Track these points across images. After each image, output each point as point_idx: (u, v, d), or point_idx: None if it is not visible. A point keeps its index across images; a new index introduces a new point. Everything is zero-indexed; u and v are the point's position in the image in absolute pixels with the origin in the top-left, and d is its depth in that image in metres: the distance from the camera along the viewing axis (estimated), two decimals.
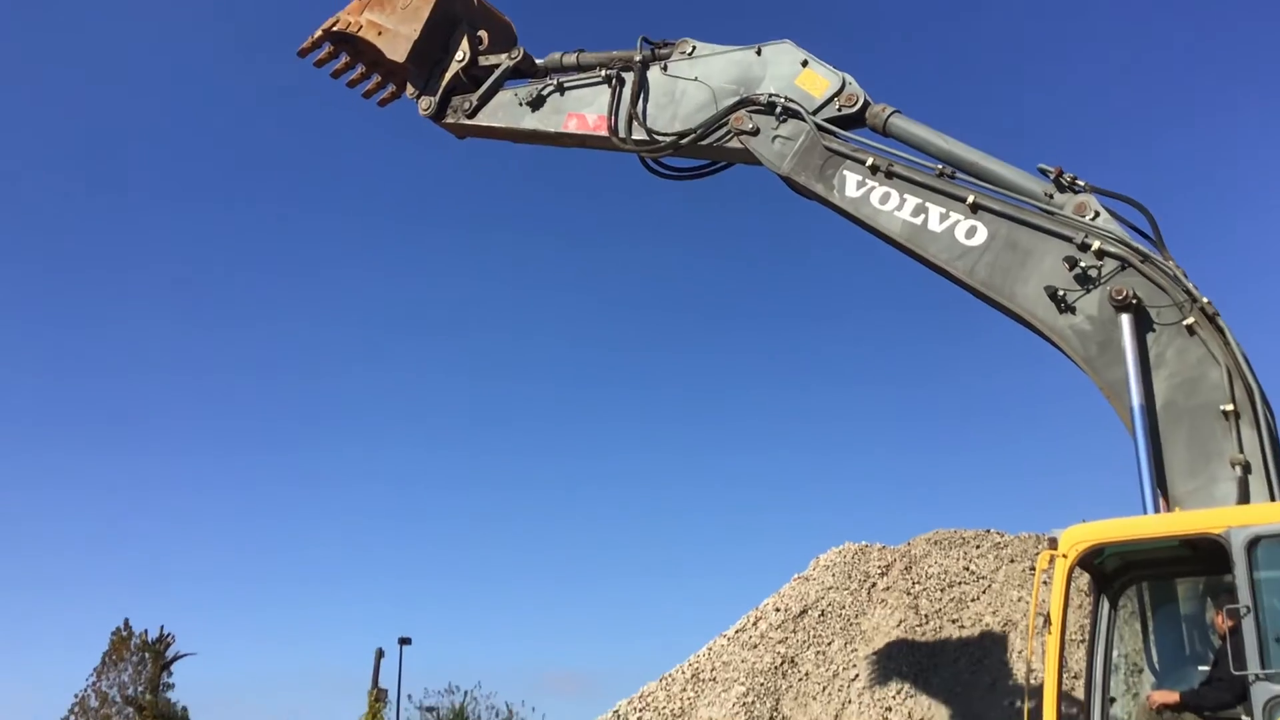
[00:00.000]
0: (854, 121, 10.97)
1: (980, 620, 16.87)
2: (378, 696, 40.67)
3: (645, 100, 11.99)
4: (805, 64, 11.19)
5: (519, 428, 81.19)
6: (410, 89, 13.40)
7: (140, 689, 43.32)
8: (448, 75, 13.06)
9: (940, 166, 10.18)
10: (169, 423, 77.61)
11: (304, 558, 72.76)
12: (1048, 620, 7.74)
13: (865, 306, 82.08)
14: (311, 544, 73.11)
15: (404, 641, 41.14)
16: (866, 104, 10.91)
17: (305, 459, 78.93)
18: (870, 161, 10.41)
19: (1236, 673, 7.08)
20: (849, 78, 11.01)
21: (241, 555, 72.41)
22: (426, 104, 13.25)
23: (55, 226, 75.82)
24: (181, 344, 79.82)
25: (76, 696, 43.10)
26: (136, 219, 78.52)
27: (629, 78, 12.06)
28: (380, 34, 12.97)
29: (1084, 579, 8.59)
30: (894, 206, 10.29)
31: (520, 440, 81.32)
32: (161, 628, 44.60)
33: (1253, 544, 7.12)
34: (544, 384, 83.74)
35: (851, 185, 10.55)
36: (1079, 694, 8.50)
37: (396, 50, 12.89)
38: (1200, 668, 8.16)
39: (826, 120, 10.88)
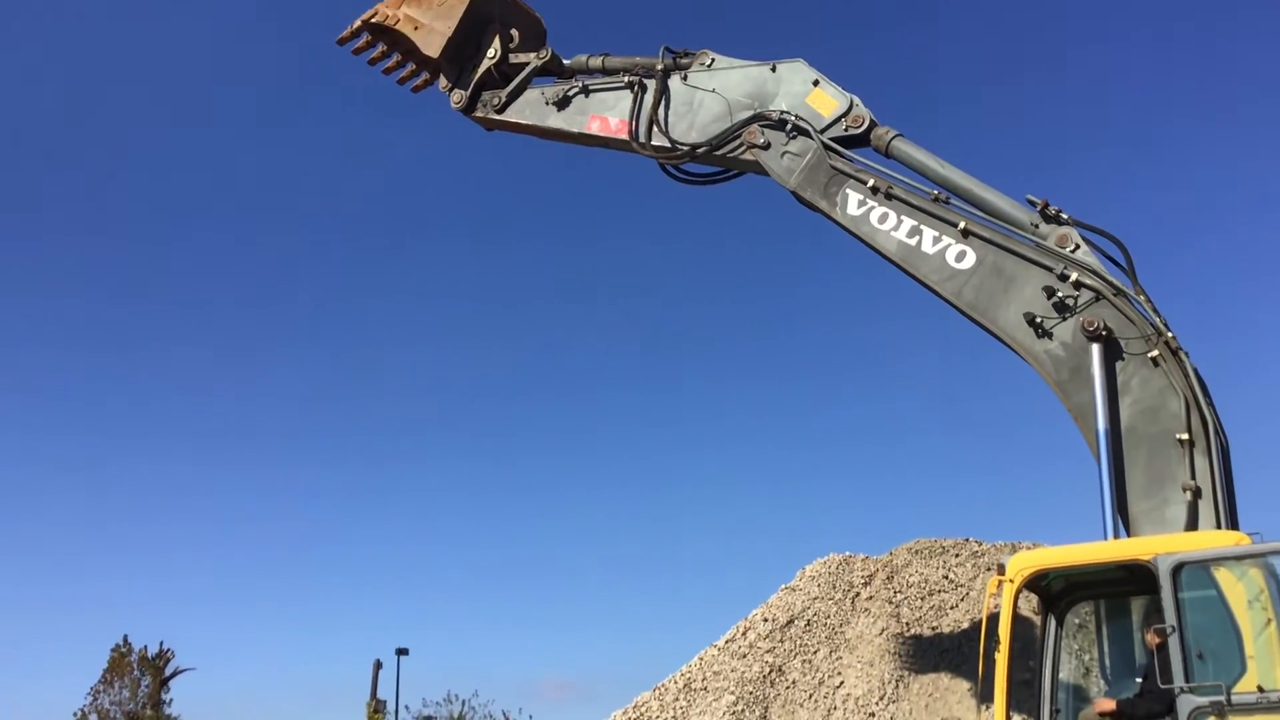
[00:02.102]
0: (859, 141, 11.47)
1: (959, 627, 17.36)
2: (376, 707, 40.90)
3: (665, 107, 12.52)
4: (816, 83, 11.69)
5: (514, 438, 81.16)
6: (443, 81, 13.99)
7: (140, 705, 42.99)
8: (479, 71, 13.65)
9: (936, 191, 10.68)
10: (165, 435, 77.75)
11: (300, 569, 72.88)
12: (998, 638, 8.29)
13: (850, 319, 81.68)
14: (308, 555, 73.37)
15: (401, 652, 41.19)
16: (872, 125, 11.41)
17: (301, 469, 79.17)
18: (871, 182, 10.92)
19: (1164, 686, 7.60)
20: (857, 99, 11.51)
21: (237, 567, 72.37)
22: (458, 98, 13.85)
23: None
24: (177, 354, 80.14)
25: (76, 714, 42.62)
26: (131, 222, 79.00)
27: (651, 85, 12.60)
28: (416, 29, 13.56)
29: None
30: (891, 226, 10.79)
31: (515, 450, 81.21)
32: (161, 643, 44.46)
33: (1177, 569, 7.69)
34: (538, 393, 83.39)
35: (853, 204, 11.05)
36: None
37: (431, 46, 13.48)
38: (1137, 680, 8.65)
39: (833, 139, 11.39)
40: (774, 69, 11.99)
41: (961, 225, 10.36)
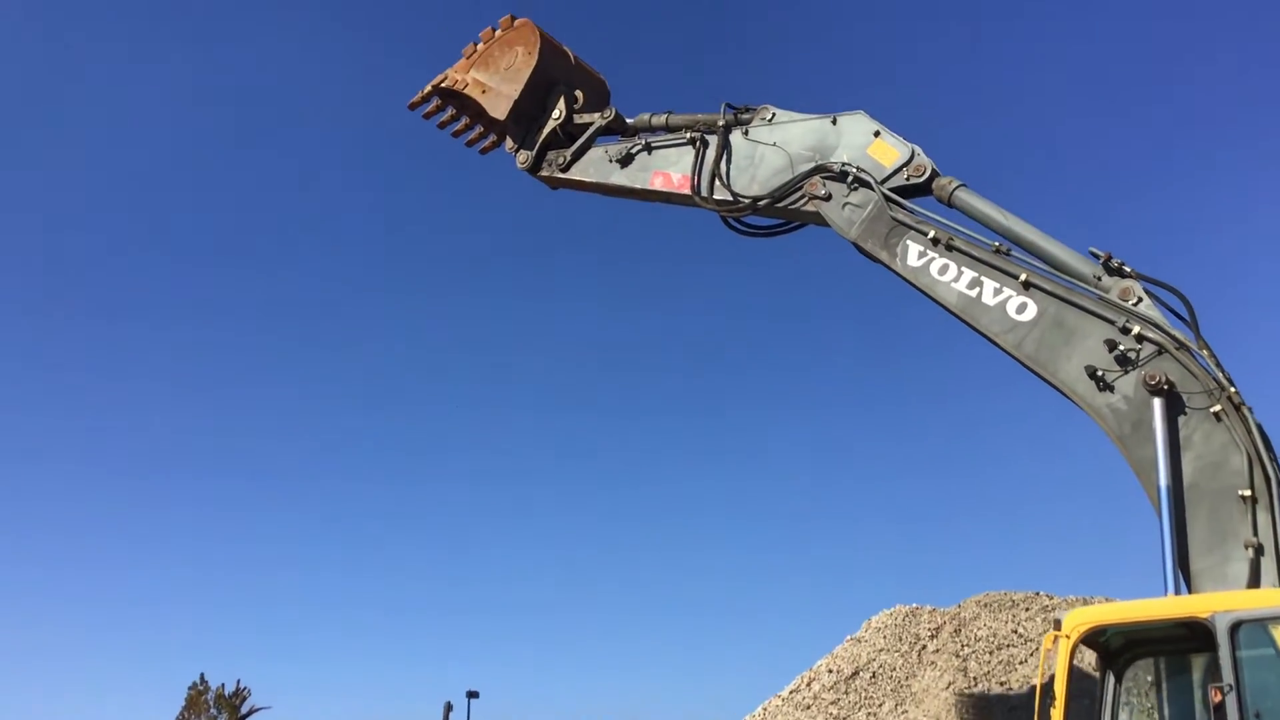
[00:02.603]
0: (921, 191, 11.52)
1: (1028, 683, 17.03)
2: None
3: (727, 162, 12.71)
4: (877, 134, 11.79)
5: (581, 483, 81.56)
6: (509, 143, 14.38)
7: None
8: (544, 132, 14.02)
9: (998, 243, 10.65)
10: (239, 476, 79.50)
11: (374, 610, 73.75)
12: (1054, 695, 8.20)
13: (919, 366, 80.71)
14: (382, 596, 74.23)
15: (472, 695, 41.61)
16: (934, 175, 11.44)
17: (374, 512, 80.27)
18: (932, 234, 10.94)
19: None
20: (918, 149, 11.57)
21: (313, 607, 73.36)
22: (524, 158, 14.20)
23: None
24: (241, 388, 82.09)
25: None
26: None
27: (712, 140, 12.82)
28: (484, 92, 13.97)
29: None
30: (951, 278, 10.79)
31: (583, 495, 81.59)
32: (238, 681, 44.48)
33: (1235, 628, 7.58)
34: (600, 438, 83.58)
35: (913, 255, 11.08)
36: None
37: (498, 109, 13.87)
38: None
39: (894, 189, 11.45)
40: (835, 121, 12.12)
41: (1023, 277, 10.33)
